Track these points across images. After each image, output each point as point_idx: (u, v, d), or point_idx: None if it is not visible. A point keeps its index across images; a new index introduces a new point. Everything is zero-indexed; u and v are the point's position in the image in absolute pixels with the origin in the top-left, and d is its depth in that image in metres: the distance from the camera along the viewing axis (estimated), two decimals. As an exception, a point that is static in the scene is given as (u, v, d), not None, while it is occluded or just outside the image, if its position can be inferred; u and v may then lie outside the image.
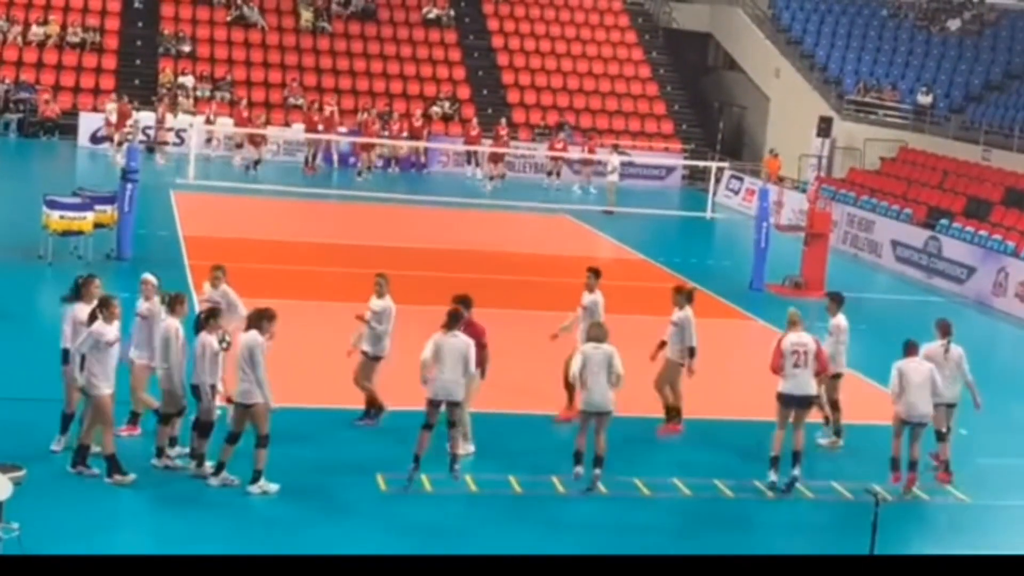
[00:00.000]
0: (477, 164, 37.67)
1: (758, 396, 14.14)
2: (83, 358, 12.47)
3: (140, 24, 40.51)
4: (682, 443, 15.30)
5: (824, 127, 37.66)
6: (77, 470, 12.58)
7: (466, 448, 14.05)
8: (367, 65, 41.16)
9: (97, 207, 22.10)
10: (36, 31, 38.72)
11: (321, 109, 37.23)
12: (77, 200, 22.18)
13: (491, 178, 36.44)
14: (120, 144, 32.94)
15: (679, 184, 40.09)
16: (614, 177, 34.18)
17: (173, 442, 13.22)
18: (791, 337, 14.32)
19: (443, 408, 13.18)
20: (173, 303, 13.17)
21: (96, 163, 33.95)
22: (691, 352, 15.20)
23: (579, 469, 13.40)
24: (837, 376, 15.49)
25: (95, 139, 36.14)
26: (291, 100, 38.85)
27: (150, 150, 34.85)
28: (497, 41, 43.44)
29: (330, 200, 31.29)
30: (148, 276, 13.68)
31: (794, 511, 13.70)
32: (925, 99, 37.82)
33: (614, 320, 15.53)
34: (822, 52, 41.59)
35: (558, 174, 37.34)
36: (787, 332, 14.45)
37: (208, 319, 12.82)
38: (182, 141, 35.73)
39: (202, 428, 12.85)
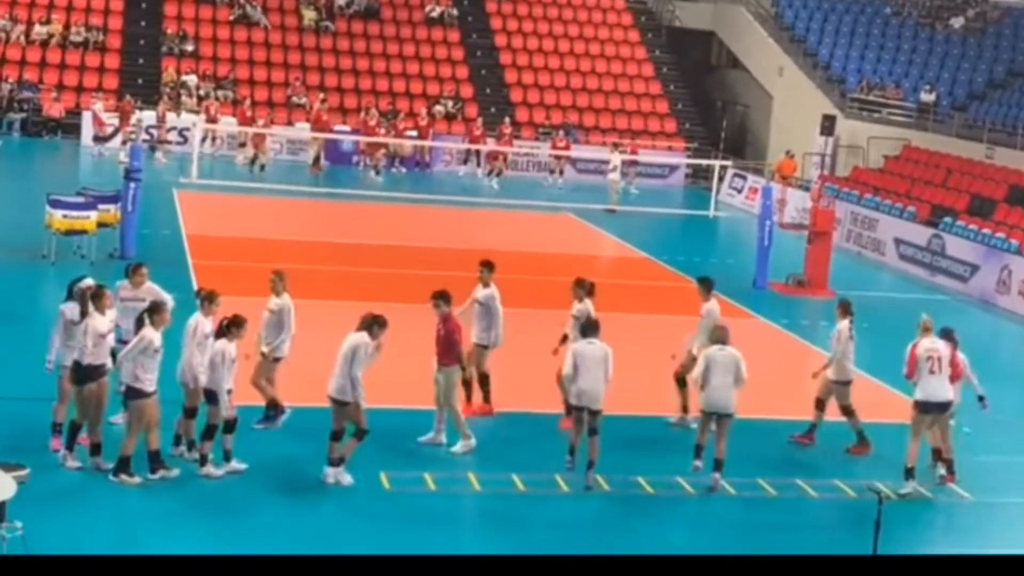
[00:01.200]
0: (479, 164, 37.65)
1: (762, 395, 14.14)
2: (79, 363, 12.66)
3: (143, 23, 40.53)
4: (685, 442, 15.27)
5: (827, 125, 37.65)
6: (119, 479, 12.61)
7: (468, 444, 14.08)
8: (370, 64, 41.17)
9: (100, 206, 22.12)
10: (39, 30, 38.75)
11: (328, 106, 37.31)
12: (80, 199, 22.19)
13: (490, 172, 36.51)
14: (124, 143, 33.00)
15: (682, 183, 40.08)
16: (615, 176, 34.17)
17: (179, 440, 13.27)
18: (924, 343, 14.28)
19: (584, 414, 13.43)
20: (205, 299, 13.16)
21: (99, 162, 33.97)
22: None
23: (698, 463, 13.74)
24: (847, 383, 15.32)
25: (98, 139, 36.13)
26: (294, 99, 38.85)
27: (152, 149, 34.89)
28: (500, 40, 43.44)
29: (333, 199, 31.29)
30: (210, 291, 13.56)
31: (797, 510, 13.70)
32: (928, 97, 37.79)
33: (619, 319, 15.55)
34: (825, 50, 41.56)
35: (561, 172, 37.34)
36: (920, 338, 14.38)
37: (230, 327, 12.84)
38: (185, 140, 35.76)
39: (210, 430, 12.84)
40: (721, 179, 36.17)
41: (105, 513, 12.04)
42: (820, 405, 15.42)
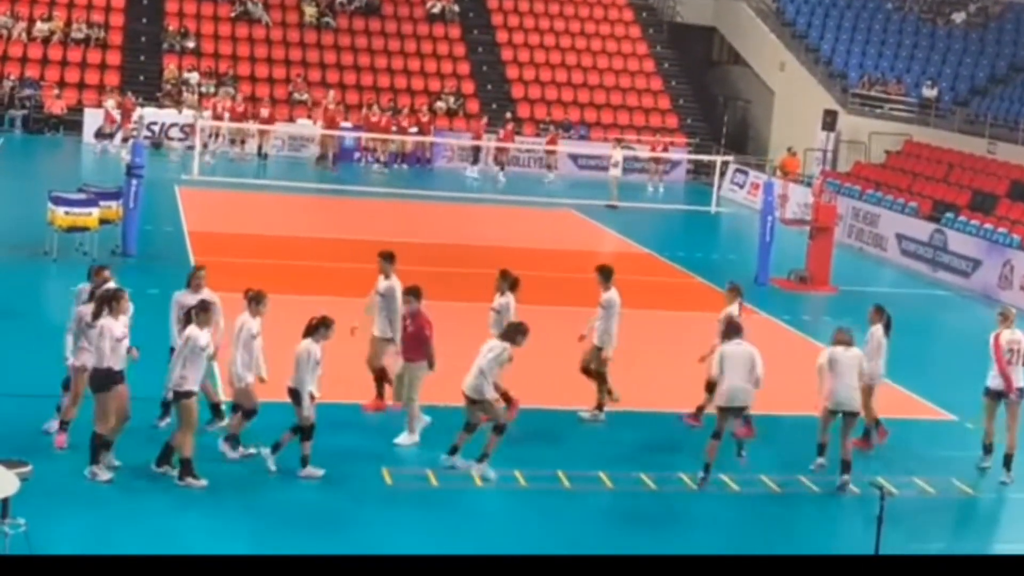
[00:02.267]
0: (479, 161, 37.48)
1: (764, 391, 14.10)
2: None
3: (144, 20, 40.52)
4: (686, 438, 15.29)
5: (829, 121, 37.63)
6: (163, 469, 12.66)
7: (412, 439, 14.13)
8: (371, 60, 41.17)
9: (102, 203, 22.10)
10: (40, 27, 38.74)
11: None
12: (82, 196, 22.18)
13: (501, 166, 36.69)
14: (125, 140, 33.00)
15: (684, 178, 40.07)
16: (617, 171, 34.17)
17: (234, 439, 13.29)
18: (1006, 334, 14.56)
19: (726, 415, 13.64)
20: (252, 299, 13.18)
21: (101, 159, 33.98)
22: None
23: (821, 460, 14.03)
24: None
25: (99, 135, 36.17)
26: (296, 96, 38.85)
27: (156, 146, 34.91)
28: (501, 36, 43.42)
29: (335, 195, 31.29)
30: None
31: (798, 505, 13.70)
32: (930, 92, 37.77)
33: (623, 314, 15.55)
34: (827, 46, 41.53)
35: (552, 167, 37.36)
36: (1000, 329, 14.61)
37: (319, 327, 12.91)
38: (187, 137, 35.78)
39: (305, 432, 12.90)
40: (723, 175, 36.16)
41: (108, 510, 12.04)
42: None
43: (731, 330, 14.04)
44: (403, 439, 14.15)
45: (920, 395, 17.78)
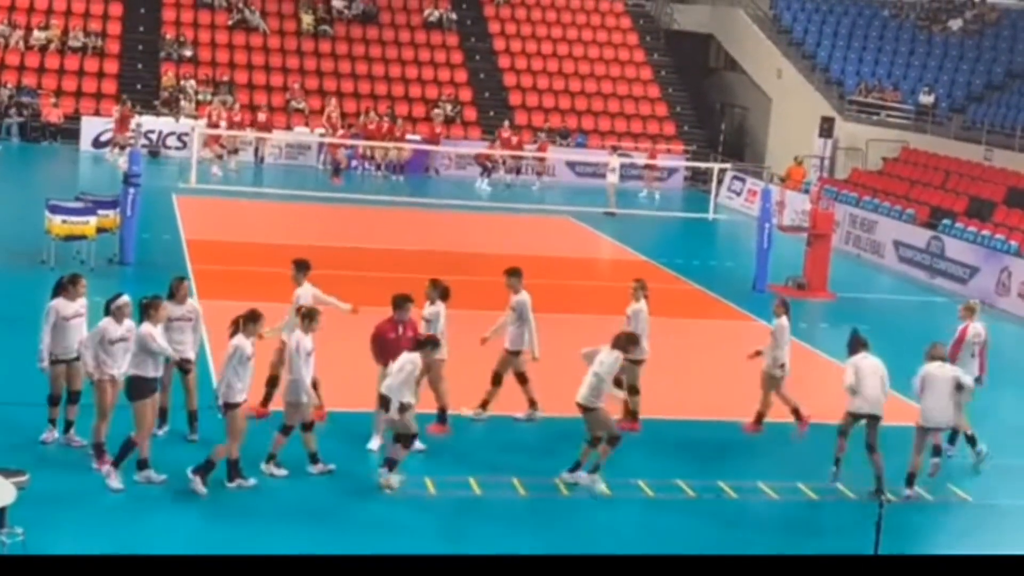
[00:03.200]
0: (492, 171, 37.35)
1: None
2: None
3: (142, 28, 40.55)
4: (684, 444, 15.30)
5: (826, 128, 37.67)
6: (236, 484, 12.72)
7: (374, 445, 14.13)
8: (369, 68, 41.19)
9: (100, 211, 22.10)
10: (38, 36, 38.77)
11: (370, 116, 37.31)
12: (80, 205, 22.18)
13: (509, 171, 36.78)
14: (122, 148, 33.00)
15: (681, 185, 40.10)
16: (614, 179, 34.19)
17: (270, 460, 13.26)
18: (972, 327, 15.24)
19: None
20: (306, 316, 13.17)
21: (98, 167, 33.98)
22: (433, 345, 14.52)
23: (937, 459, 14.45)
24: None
25: (98, 143, 36.19)
26: (293, 103, 38.87)
27: (153, 154, 34.94)
28: (499, 44, 43.46)
29: (333, 203, 31.30)
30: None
31: (797, 512, 13.70)
32: (927, 99, 37.81)
33: (619, 322, 15.55)
34: (824, 53, 41.59)
35: (540, 173, 37.30)
36: (968, 322, 15.39)
37: (426, 344, 13.16)
38: (184, 145, 35.81)
39: (405, 440, 13.02)
40: (720, 182, 36.19)
41: (106, 519, 12.03)
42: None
43: (858, 344, 14.43)
44: (375, 444, 14.11)
45: (916, 401, 17.74)
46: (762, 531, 13.06)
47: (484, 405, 15.37)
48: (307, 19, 41.95)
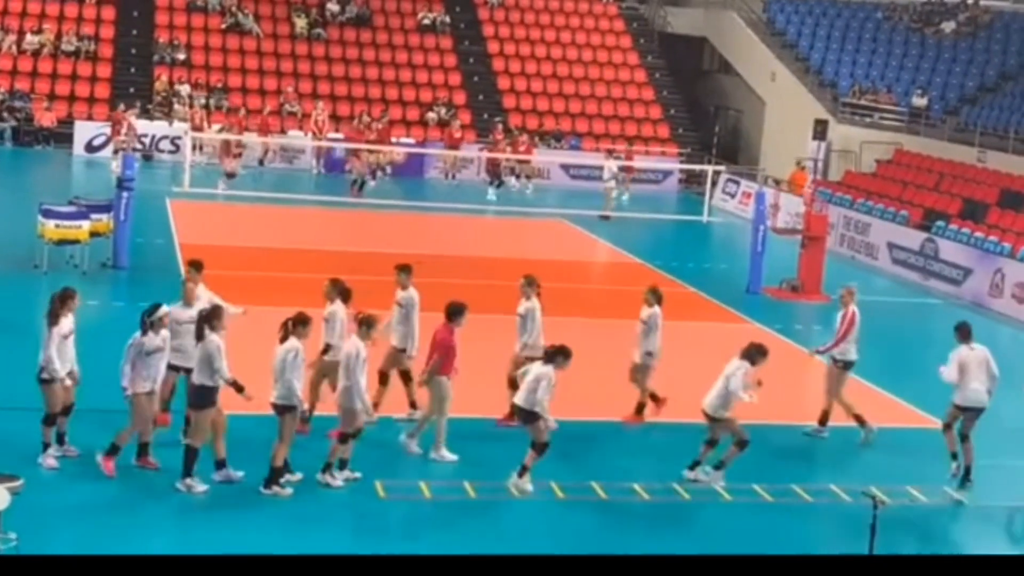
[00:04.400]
0: (514, 175, 37.24)
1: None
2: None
3: (135, 32, 40.51)
4: (681, 447, 15.27)
5: (820, 130, 37.70)
6: (272, 491, 12.77)
7: (446, 456, 14.09)
8: (362, 72, 41.18)
9: (93, 216, 22.08)
10: (31, 40, 38.72)
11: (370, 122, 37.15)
12: (73, 209, 22.15)
13: (518, 176, 36.66)
14: (116, 152, 32.96)
15: (676, 188, 40.12)
16: (612, 183, 34.17)
17: (344, 464, 13.22)
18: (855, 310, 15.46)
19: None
20: (363, 323, 13.13)
21: (92, 171, 33.95)
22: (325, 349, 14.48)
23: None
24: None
25: (91, 147, 36.16)
26: (287, 107, 38.85)
27: (147, 159, 34.90)
28: (493, 46, 43.47)
29: (327, 207, 31.28)
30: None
31: (791, 514, 13.69)
32: (920, 101, 37.87)
33: (612, 325, 15.55)
34: (817, 55, 41.63)
35: (528, 177, 37.19)
36: (852, 306, 15.63)
37: (557, 355, 13.25)
38: (178, 149, 35.79)
39: (540, 448, 13.21)
40: (714, 184, 36.20)
41: (100, 523, 12.00)
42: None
43: (965, 334, 14.69)
44: (446, 455, 14.14)
45: (911, 403, 17.78)
46: (760, 534, 13.05)
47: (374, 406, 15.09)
48: (301, 23, 41.94)
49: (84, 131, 36.38)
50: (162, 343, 12.95)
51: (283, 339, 12.78)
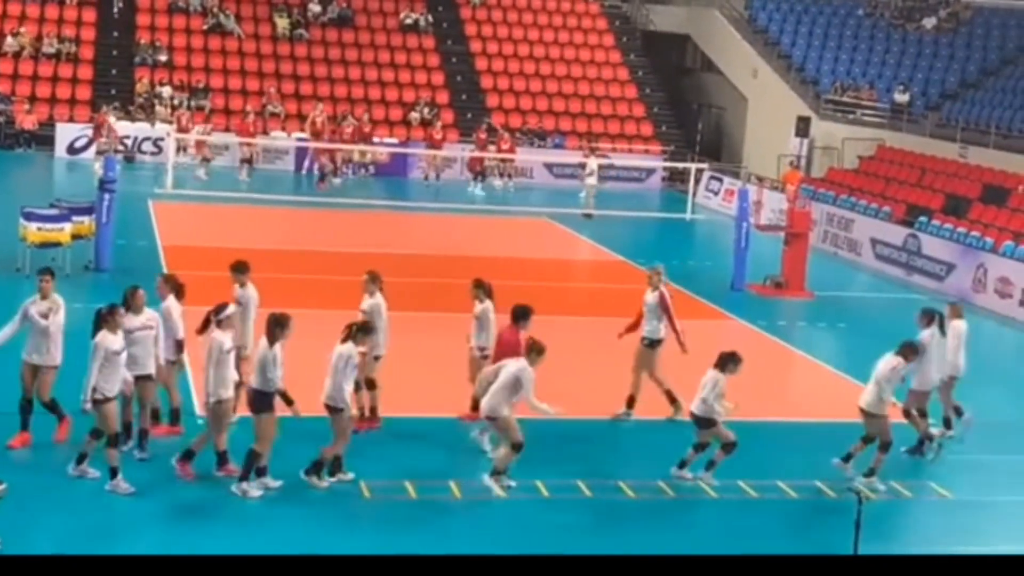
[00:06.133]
0: (497, 173, 37.22)
1: (741, 397, 14.11)
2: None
3: (116, 34, 40.37)
4: (669, 445, 15.28)
5: (802, 127, 37.78)
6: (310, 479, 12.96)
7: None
8: (345, 72, 41.12)
9: (75, 218, 22.01)
10: (11, 42, 38.55)
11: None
12: (54, 211, 22.07)
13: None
14: (98, 154, 32.84)
15: (659, 186, 40.15)
16: (593, 180, 34.20)
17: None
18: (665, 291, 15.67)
19: None
20: (360, 330, 13.12)
21: (73, 174, 33.82)
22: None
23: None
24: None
25: (72, 150, 36.03)
26: (270, 108, 38.76)
27: (129, 160, 34.80)
28: (475, 46, 43.45)
29: (309, 207, 31.23)
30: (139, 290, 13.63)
31: (776, 510, 13.71)
32: (902, 97, 37.97)
33: (596, 323, 15.56)
34: (799, 52, 41.72)
35: (509, 176, 37.11)
36: (661, 287, 15.87)
37: (531, 352, 13.19)
38: (160, 150, 35.68)
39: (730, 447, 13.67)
40: (697, 182, 36.23)
41: (82, 525, 11.95)
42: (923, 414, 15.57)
43: (928, 320, 14.96)
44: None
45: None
46: (755, 530, 13.07)
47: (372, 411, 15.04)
48: (282, 23, 41.85)
49: (66, 133, 36.26)
50: (231, 344, 12.87)
51: (343, 340, 12.97)
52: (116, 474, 12.54)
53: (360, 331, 13.13)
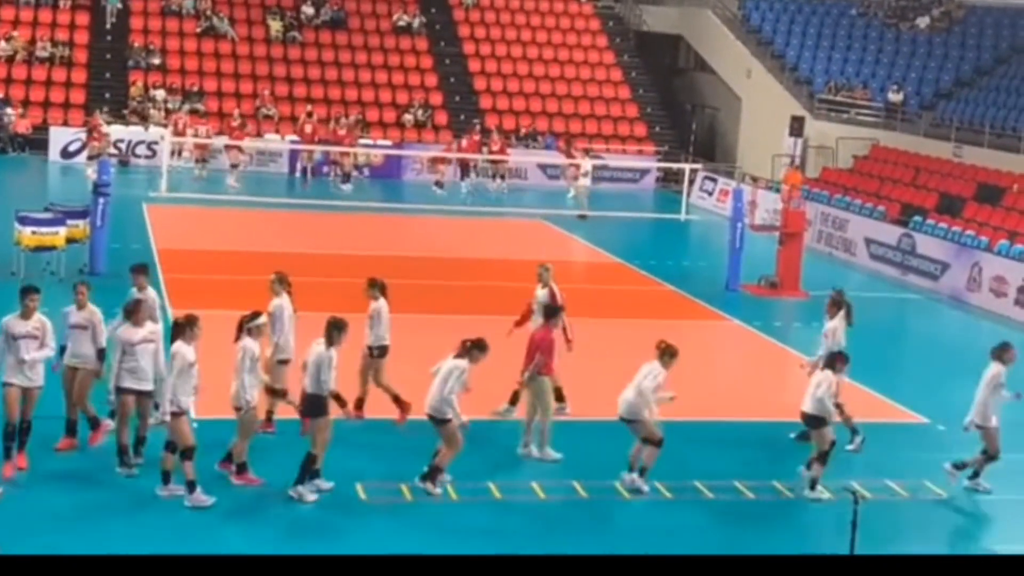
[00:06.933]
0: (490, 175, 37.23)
1: (737, 396, 14.16)
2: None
3: (109, 37, 40.33)
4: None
5: (796, 127, 37.78)
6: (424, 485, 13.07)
7: (550, 454, 14.29)
8: (338, 74, 41.09)
9: (69, 222, 21.98)
10: (4, 46, 38.50)
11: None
12: (49, 215, 22.05)
13: (494, 176, 36.65)
14: (91, 158, 32.80)
15: (653, 186, 40.17)
16: (586, 181, 34.22)
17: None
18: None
19: None
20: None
21: (68, 177, 33.78)
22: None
23: None
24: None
25: (66, 153, 36.00)
26: (263, 111, 38.74)
27: (123, 164, 34.76)
28: (468, 47, 43.45)
29: (303, 210, 31.20)
30: (82, 286, 13.62)
31: (774, 511, 13.71)
32: (896, 97, 38.01)
33: (592, 324, 15.54)
34: (792, 52, 41.75)
35: (502, 176, 37.07)
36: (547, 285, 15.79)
37: (473, 349, 13.12)
38: (154, 154, 35.65)
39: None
40: (691, 182, 36.25)
41: (76, 530, 11.94)
42: None
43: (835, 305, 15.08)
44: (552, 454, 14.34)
45: (890, 398, 17.85)
46: (747, 529, 13.07)
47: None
48: (276, 26, 41.83)
49: (59, 137, 36.20)
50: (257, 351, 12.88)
51: (456, 356, 13.11)
52: (194, 488, 12.43)
53: (474, 347, 13.14)
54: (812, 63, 41.03)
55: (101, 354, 13.40)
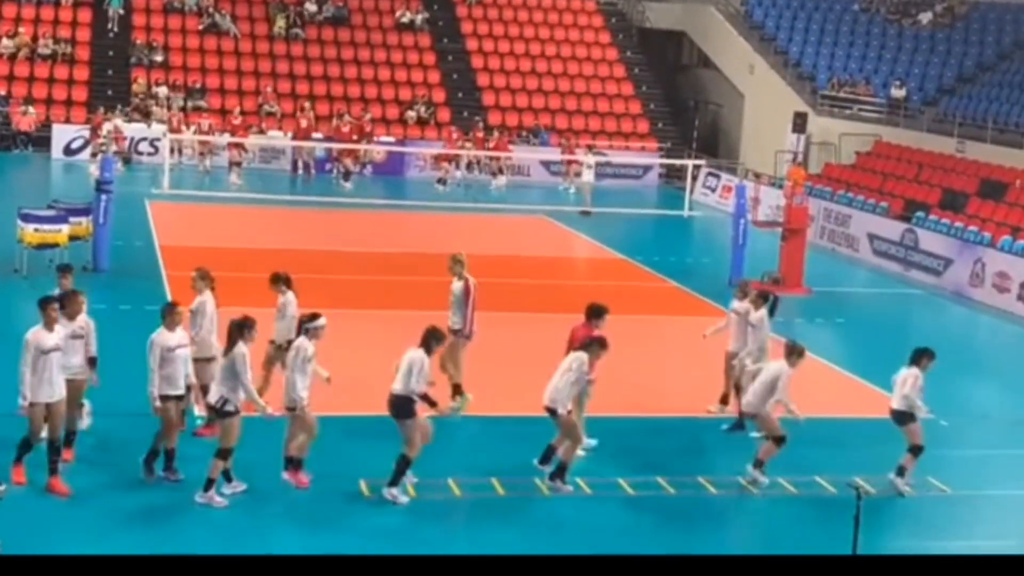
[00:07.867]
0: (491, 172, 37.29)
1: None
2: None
3: (111, 35, 40.34)
4: (664, 440, 15.31)
5: (799, 123, 37.78)
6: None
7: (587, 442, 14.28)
8: (341, 71, 41.10)
9: (72, 219, 22.00)
10: (7, 43, 38.53)
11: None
12: (52, 213, 22.07)
13: (494, 173, 36.68)
14: (94, 155, 32.84)
15: (656, 183, 40.16)
16: (589, 177, 34.22)
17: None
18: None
19: None
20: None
21: (70, 175, 33.81)
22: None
23: None
24: None
25: (69, 151, 36.02)
26: (266, 108, 38.74)
27: (126, 161, 34.79)
28: (471, 44, 43.44)
29: (306, 207, 31.22)
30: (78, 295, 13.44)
31: (776, 506, 13.72)
32: (899, 93, 37.97)
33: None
34: (795, 48, 41.72)
35: (500, 171, 37.11)
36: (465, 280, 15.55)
37: (431, 340, 13.04)
38: (156, 151, 35.66)
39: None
40: (695, 178, 36.25)
41: (78, 529, 11.96)
42: None
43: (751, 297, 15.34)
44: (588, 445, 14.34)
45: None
46: (756, 527, 13.08)
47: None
48: (279, 22, 41.83)
49: (62, 134, 36.23)
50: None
51: (583, 348, 13.41)
52: (211, 486, 12.45)
53: (594, 343, 13.34)
54: (815, 59, 41.00)
55: (92, 362, 13.29)
